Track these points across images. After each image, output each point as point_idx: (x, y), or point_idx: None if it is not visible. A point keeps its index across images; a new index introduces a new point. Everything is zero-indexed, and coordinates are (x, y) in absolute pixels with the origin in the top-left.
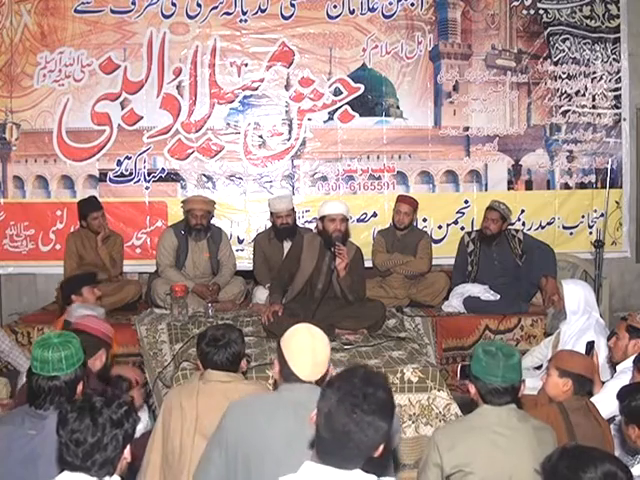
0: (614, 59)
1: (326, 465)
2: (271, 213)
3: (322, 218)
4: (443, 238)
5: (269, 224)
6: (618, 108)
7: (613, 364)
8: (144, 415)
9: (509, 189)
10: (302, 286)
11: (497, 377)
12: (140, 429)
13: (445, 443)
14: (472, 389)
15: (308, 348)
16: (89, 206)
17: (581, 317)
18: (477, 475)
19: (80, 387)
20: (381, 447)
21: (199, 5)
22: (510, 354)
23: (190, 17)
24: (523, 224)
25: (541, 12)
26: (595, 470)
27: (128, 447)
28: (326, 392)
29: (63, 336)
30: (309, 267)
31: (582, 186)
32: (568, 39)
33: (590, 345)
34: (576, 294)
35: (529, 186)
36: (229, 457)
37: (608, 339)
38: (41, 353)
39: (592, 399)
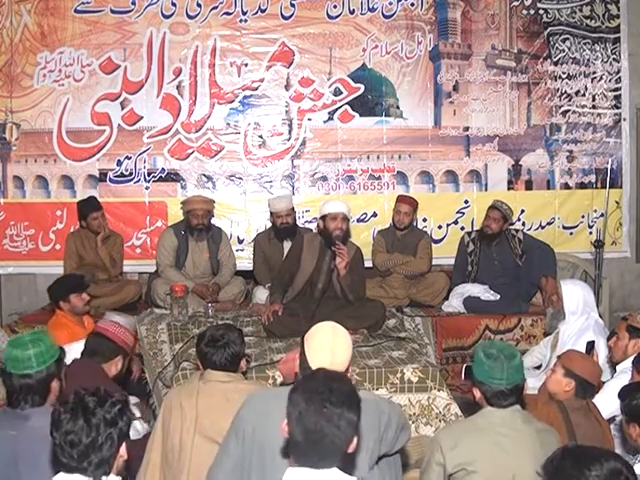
0: (614, 59)
1: (304, 467)
2: (271, 213)
3: (323, 217)
4: (443, 238)
5: (269, 224)
6: (618, 108)
7: (613, 364)
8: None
9: (509, 189)
10: (302, 286)
11: (502, 380)
12: (140, 430)
13: (448, 442)
14: (477, 393)
15: (328, 347)
16: (89, 206)
17: (580, 317)
18: (481, 475)
19: (55, 385)
20: (354, 441)
21: (199, 5)
22: (512, 355)
23: (190, 17)
24: (523, 224)
25: (541, 12)
26: (601, 467)
27: (124, 445)
28: (293, 397)
29: (35, 334)
30: (309, 267)
31: (582, 186)
32: (568, 39)
33: (590, 345)
34: (575, 294)
35: (529, 186)
36: (245, 448)
37: (608, 339)
38: (11, 351)
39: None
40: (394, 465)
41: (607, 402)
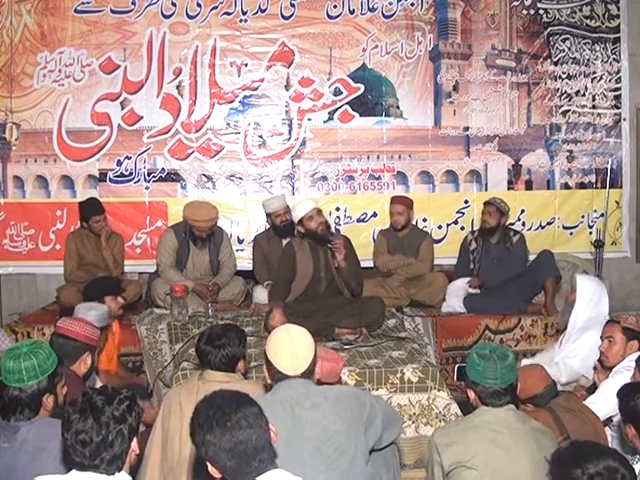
0: (614, 59)
1: (268, 472)
2: (268, 214)
3: (299, 221)
4: (443, 238)
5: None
6: (618, 108)
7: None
8: None
9: (509, 189)
10: (304, 288)
11: (496, 380)
12: None
13: (443, 441)
14: (472, 395)
15: (286, 344)
16: (92, 209)
17: (591, 309)
18: (479, 471)
19: (49, 399)
20: (272, 428)
21: (199, 5)
22: (504, 355)
23: (190, 17)
24: (523, 224)
25: (541, 12)
26: (597, 464)
27: (135, 440)
28: (197, 440)
29: (33, 344)
30: (308, 269)
31: (582, 186)
32: (568, 39)
33: None
34: (589, 285)
35: (529, 186)
36: None
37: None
38: (5, 362)
39: (587, 400)
40: (392, 461)
41: (603, 402)
